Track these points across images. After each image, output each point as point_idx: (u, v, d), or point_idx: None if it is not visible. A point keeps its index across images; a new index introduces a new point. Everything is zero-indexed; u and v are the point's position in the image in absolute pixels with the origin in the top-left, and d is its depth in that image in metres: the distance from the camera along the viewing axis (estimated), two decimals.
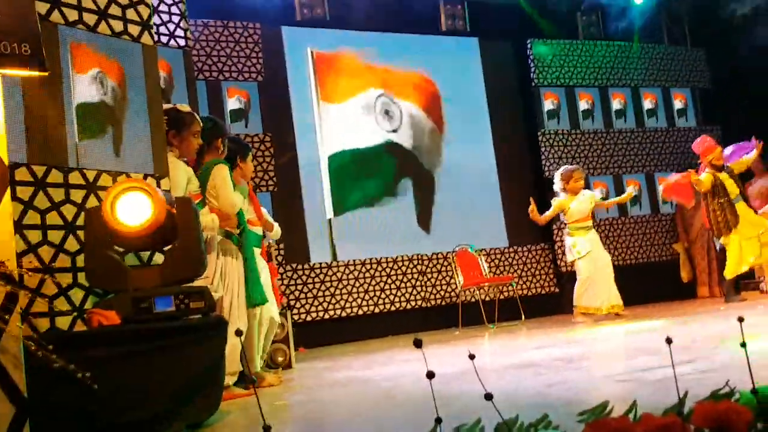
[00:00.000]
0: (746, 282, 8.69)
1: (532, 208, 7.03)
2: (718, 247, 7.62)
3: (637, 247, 9.23)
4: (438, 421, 1.16)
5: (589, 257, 6.91)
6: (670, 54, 9.96)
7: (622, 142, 9.42)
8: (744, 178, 8.72)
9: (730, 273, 7.14)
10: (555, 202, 7.12)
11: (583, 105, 9.33)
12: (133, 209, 2.78)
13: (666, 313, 6.87)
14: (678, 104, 9.87)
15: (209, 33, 7.54)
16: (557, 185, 7.18)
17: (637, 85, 9.67)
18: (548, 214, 7.13)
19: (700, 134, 9.85)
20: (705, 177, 7.19)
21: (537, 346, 5.08)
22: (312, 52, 8.07)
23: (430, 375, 1.13)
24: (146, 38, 3.50)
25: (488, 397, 1.12)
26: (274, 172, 7.57)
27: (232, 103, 7.55)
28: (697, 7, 9.63)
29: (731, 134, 9.65)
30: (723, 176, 7.21)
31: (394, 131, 8.43)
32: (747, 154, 7.44)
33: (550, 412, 1.48)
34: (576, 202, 7.04)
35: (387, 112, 8.39)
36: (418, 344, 1.13)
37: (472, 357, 1.18)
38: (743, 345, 1.27)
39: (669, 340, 1.41)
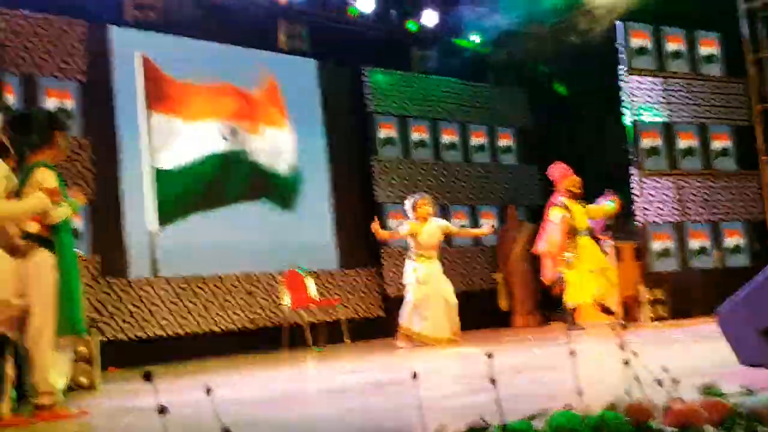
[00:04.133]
0: (558, 312, 9.30)
1: (376, 227, 6.97)
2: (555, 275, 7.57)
3: (460, 276, 9.61)
4: None
5: (425, 284, 6.95)
6: (496, 93, 10.54)
7: (449, 174, 9.81)
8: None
9: (570, 300, 7.23)
10: (407, 223, 7.13)
11: (415, 136, 9.64)
12: None
13: (482, 341, 7.17)
14: (502, 142, 10.45)
15: (28, 26, 7.04)
16: (409, 214, 7.20)
17: (466, 121, 10.14)
18: (400, 232, 7.14)
19: (521, 171, 10.53)
20: (559, 213, 7.19)
21: (353, 370, 5.13)
22: (142, 57, 7.73)
23: (162, 410, 1.08)
24: None
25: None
26: (92, 179, 7.13)
27: (52, 103, 7.08)
28: (521, 52, 10.29)
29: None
30: (575, 207, 7.26)
31: (233, 151, 8.25)
32: (607, 203, 7.53)
33: None
34: (427, 229, 7.08)
35: (226, 137, 8.23)
36: (147, 377, 1.07)
37: (209, 391, 1.15)
38: (493, 381, 1.32)
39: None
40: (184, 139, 7.92)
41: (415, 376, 1.28)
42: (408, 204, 7.26)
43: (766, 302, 3.35)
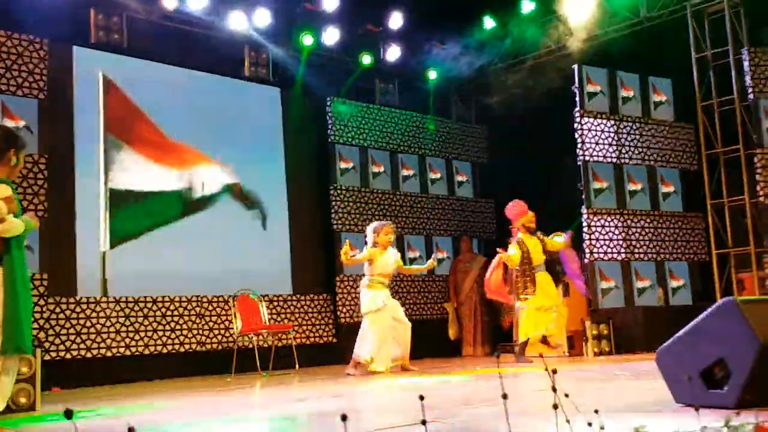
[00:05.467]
0: (504, 345, 9.42)
1: (346, 249, 6.93)
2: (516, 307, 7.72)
3: (412, 305, 9.70)
4: None
5: (382, 313, 6.97)
6: (456, 128, 10.75)
7: (407, 205, 9.93)
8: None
9: (523, 335, 7.41)
10: (367, 249, 7.14)
11: (374, 166, 9.75)
12: None
13: (431, 369, 7.23)
14: (458, 175, 10.63)
15: None
16: (369, 238, 7.21)
17: (425, 154, 10.30)
18: (357, 257, 7.12)
19: (476, 205, 10.70)
20: (514, 253, 7.37)
21: (301, 398, 5.13)
22: (103, 76, 7.71)
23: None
24: None
25: None
26: (45, 196, 7.05)
27: (10, 120, 6.99)
28: (481, 90, 10.54)
29: (503, 206, 10.55)
30: (531, 243, 7.46)
31: (190, 197, 8.26)
32: (560, 239, 7.68)
33: None
34: (384, 257, 7.11)
35: (189, 187, 8.25)
36: (68, 415, 1.12)
37: (131, 430, 1.19)
38: (423, 423, 1.39)
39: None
40: (140, 167, 7.90)
41: (344, 418, 1.34)
42: (370, 229, 7.25)
43: (702, 344, 3.48)
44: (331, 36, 9.33)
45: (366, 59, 9.77)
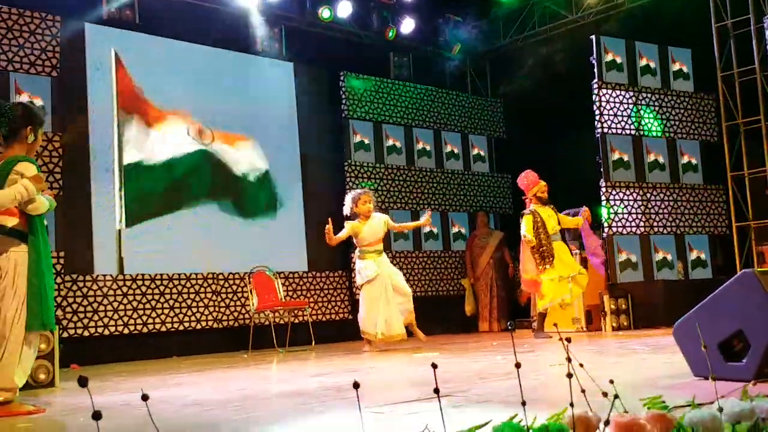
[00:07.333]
0: (521, 320, 9.40)
1: (329, 228, 6.89)
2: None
3: (428, 281, 9.67)
4: None
5: (375, 283, 6.91)
6: (471, 103, 10.63)
7: (422, 180, 9.86)
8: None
9: (542, 305, 7.32)
10: (348, 225, 7.09)
11: (389, 141, 9.68)
12: None
13: (447, 345, 7.21)
14: (475, 150, 10.54)
15: (1, 19, 6.96)
16: (347, 209, 7.17)
17: (440, 129, 10.20)
18: (340, 235, 7.03)
19: (493, 180, 10.62)
20: (525, 224, 7.23)
21: (316, 374, 5.13)
22: (115, 53, 7.69)
23: (96, 416, 1.10)
24: None
25: None
26: (60, 174, 7.06)
27: (24, 98, 6.99)
28: (497, 63, 10.40)
29: None
30: (545, 213, 7.31)
31: (200, 150, 8.18)
32: (575, 217, 7.63)
33: None
34: (368, 226, 7.04)
35: (193, 136, 8.17)
36: (83, 383, 1.10)
37: (145, 398, 1.16)
38: (437, 391, 1.35)
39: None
40: (153, 141, 7.90)
41: (356, 385, 1.31)
42: (348, 198, 7.16)
43: (721, 317, 3.42)
44: (344, 9, 9.24)
45: (382, 33, 9.68)
